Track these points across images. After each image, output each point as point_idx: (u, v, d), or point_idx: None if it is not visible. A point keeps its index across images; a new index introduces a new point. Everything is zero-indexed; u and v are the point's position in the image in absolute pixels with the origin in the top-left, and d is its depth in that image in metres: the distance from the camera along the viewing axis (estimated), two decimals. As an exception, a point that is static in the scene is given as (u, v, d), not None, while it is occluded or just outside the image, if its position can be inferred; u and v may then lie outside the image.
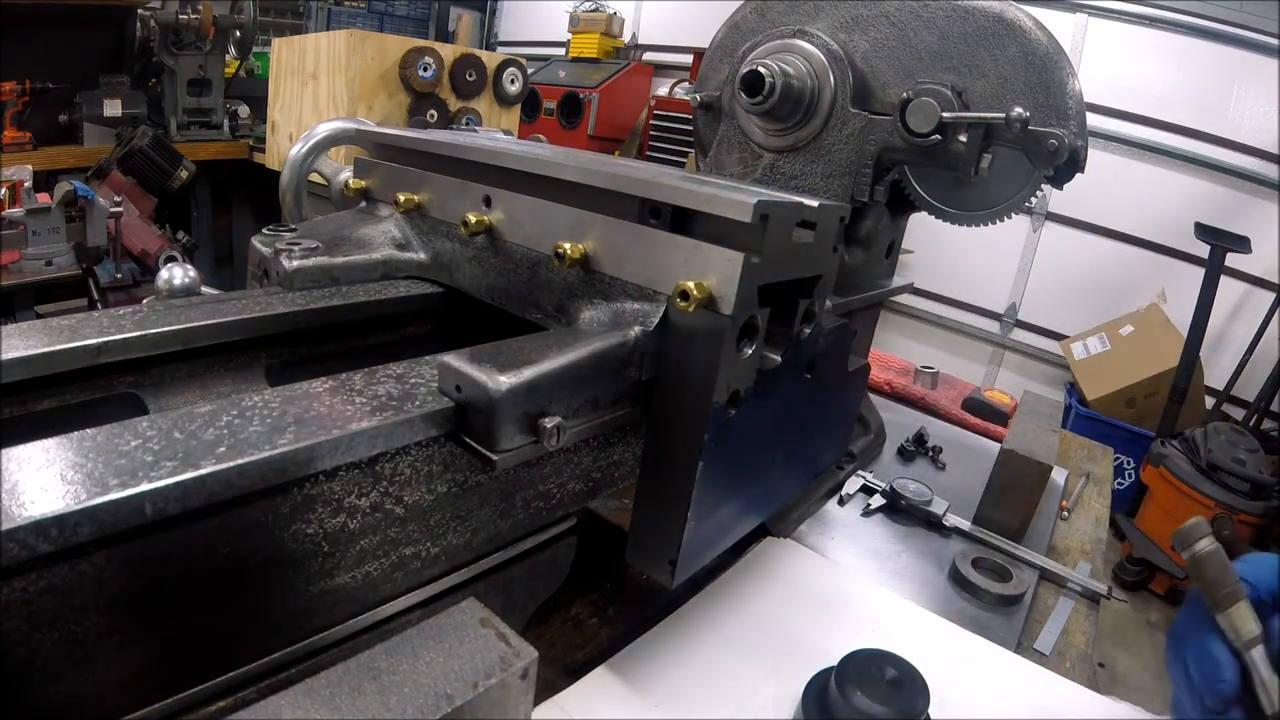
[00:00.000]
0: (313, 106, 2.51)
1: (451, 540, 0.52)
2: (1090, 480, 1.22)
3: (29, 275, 2.31)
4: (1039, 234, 3.73)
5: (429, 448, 0.48)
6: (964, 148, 0.78)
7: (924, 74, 0.82)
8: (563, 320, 0.62)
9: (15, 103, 2.89)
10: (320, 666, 0.33)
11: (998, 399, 1.40)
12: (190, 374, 0.61)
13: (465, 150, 0.70)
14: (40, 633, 0.34)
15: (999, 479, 0.93)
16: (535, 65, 4.33)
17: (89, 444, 0.38)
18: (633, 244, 0.56)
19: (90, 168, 2.78)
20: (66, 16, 3.09)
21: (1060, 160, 0.76)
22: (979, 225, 0.92)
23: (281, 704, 0.31)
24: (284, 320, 0.64)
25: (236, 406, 0.43)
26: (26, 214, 2.28)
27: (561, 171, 0.61)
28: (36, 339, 0.52)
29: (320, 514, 0.43)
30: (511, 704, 0.35)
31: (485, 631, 0.36)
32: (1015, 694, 0.65)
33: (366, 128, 0.98)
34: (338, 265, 0.71)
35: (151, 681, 0.39)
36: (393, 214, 0.77)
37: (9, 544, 0.31)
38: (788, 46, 0.86)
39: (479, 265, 0.69)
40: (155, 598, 0.38)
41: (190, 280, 0.79)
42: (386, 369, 0.50)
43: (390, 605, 0.51)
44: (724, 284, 0.50)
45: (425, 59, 2.39)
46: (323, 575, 0.45)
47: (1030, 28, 0.78)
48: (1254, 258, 2.97)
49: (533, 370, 0.46)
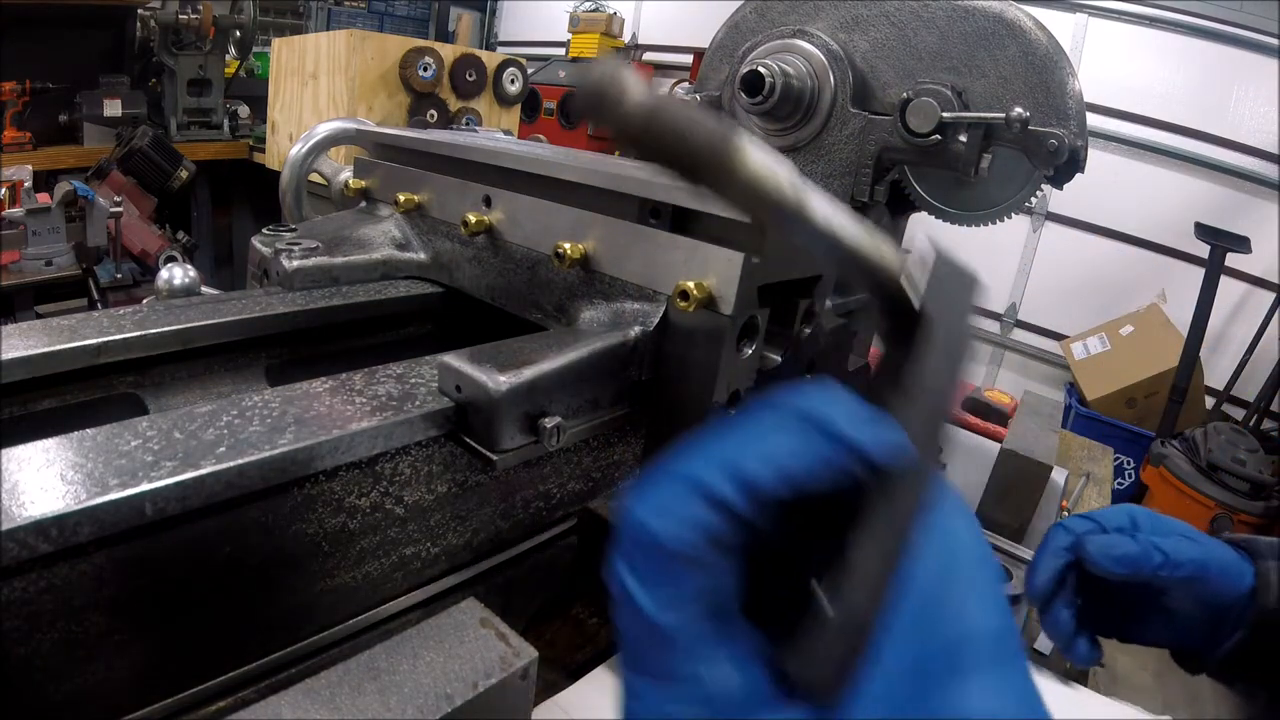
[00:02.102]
0: (313, 106, 2.51)
1: (451, 540, 0.52)
2: (1090, 480, 1.22)
3: (29, 275, 2.31)
4: (1039, 234, 3.73)
5: (429, 448, 0.48)
6: (964, 148, 0.78)
7: (924, 74, 0.82)
8: (563, 320, 0.62)
9: (15, 103, 2.89)
10: (320, 666, 0.33)
11: (998, 399, 1.41)
12: (190, 374, 0.61)
13: (465, 150, 0.70)
14: (40, 633, 0.34)
15: (999, 479, 0.93)
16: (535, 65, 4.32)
17: (89, 444, 0.38)
18: (633, 244, 0.56)
19: (90, 168, 2.78)
20: (66, 16, 3.08)
21: (1060, 160, 0.76)
22: (979, 225, 0.92)
23: (281, 704, 0.31)
24: (284, 320, 0.64)
25: (236, 406, 0.43)
26: (26, 214, 2.28)
27: (561, 171, 0.61)
28: (36, 339, 0.52)
29: (320, 514, 0.43)
30: (511, 704, 0.35)
31: (485, 631, 0.36)
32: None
33: (366, 128, 0.98)
34: (338, 265, 0.71)
35: (151, 681, 0.39)
36: (393, 214, 0.77)
37: (9, 544, 0.31)
38: (788, 46, 0.86)
39: (479, 265, 0.69)
40: (155, 598, 0.38)
41: (190, 280, 0.79)
42: (386, 369, 0.50)
43: (390, 605, 0.51)
44: (724, 284, 0.50)
45: (425, 59, 2.39)
46: (323, 575, 0.45)
47: (1030, 28, 0.78)
48: (1254, 258, 2.96)
49: (533, 370, 0.46)
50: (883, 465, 0.24)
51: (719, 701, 0.23)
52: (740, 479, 0.23)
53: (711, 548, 0.23)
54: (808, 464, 0.23)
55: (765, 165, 0.28)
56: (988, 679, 0.22)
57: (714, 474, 0.23)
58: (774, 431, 0.24)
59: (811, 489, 0.23)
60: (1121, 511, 0.62)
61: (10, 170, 2.43)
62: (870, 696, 0.22)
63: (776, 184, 0.28)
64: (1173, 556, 0.57)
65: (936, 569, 0.23)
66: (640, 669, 0.24)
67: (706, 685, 0.23)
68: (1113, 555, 0.58)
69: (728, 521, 0.23)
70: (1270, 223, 3.13)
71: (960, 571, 0.23)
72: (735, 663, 0.23)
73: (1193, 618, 0.59)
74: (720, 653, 0.23)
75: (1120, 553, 0.58)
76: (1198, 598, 0.58)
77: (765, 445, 0.24)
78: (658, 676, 0.23)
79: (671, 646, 0.23)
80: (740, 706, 0.23)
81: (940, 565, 0.24)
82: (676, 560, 0.23)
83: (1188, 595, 0.59)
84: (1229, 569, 0.58)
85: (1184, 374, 2.93)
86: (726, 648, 0.23)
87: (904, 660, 0.22)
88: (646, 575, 0.23)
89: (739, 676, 0.23)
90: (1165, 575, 0.57)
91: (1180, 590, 0.59)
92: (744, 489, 0.23)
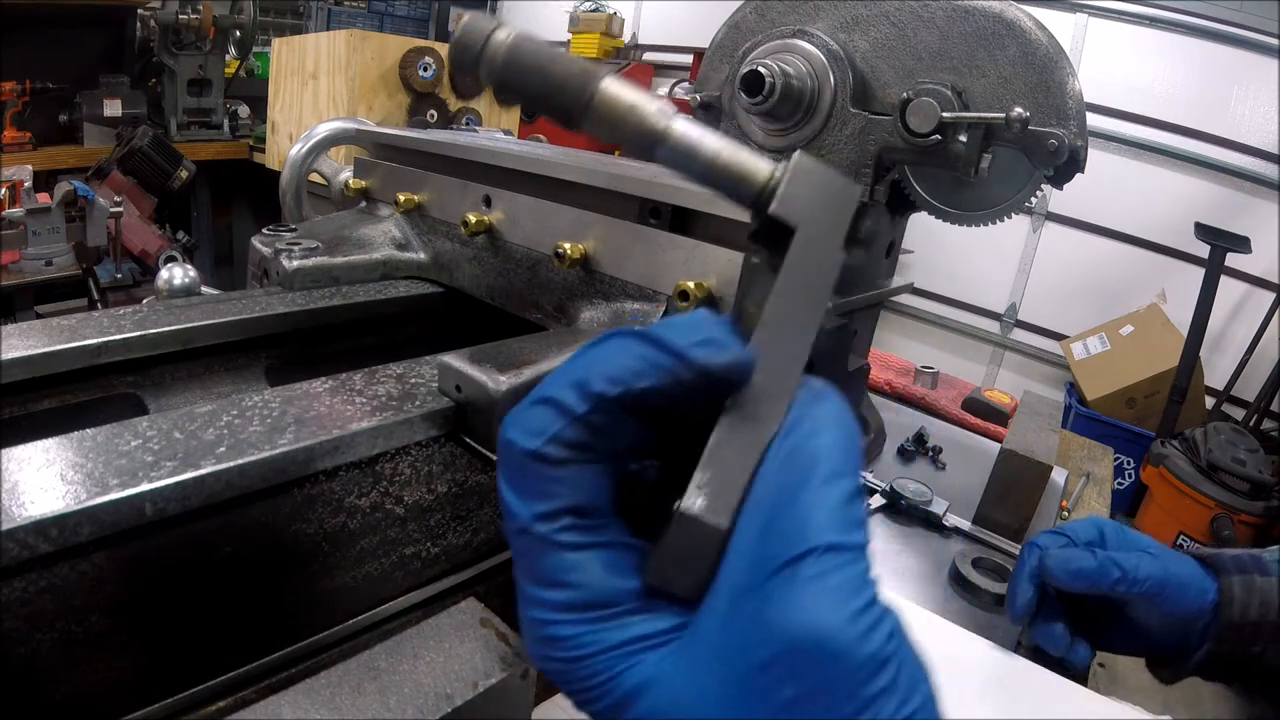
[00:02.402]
0: (313, 106, 2.51)
1: (451, 540, 0.52)
2: (1090, 480, 1.22)
3: (29, 275, 2.31)
4: (1039, 234, 3.73)
5: (429, 448, 0.48)
6: (964, 148, 0.78)
7: (924, 74, 0.82)
8: (563, 320, 0.62)
9: (15, 103, 2.89)
10: (320, 666, 0.33)
11: (998, 399, 1.40)
12: (190, 374, 0.61)
13: (465, 150, 0.70)
14: (40, 633, 0.34)
15: (999, 479, 0.93)
16: (535, 65, 4.32)
17: (89, 444, 0.38)
18: (633, 244, 0.56)
19: (90, 168, 2.78)
20: (66, 16, 3.08)
21: (1060, 160, 0.76)
22: (979, 225, 0.92)
23: (281, 704, 0.31)
24: (284, 320, 0.64)
25: (236, 406, 0.43)
26: (26, 214, 2.28)
27: (561, 171, 0.61)
28: (36, 339, 0.52)
29: (320, 514, 0.43)
30: (511, 704, 0.35)
31: (485, 631, 0.36)
32: (1015, 694, 0.65)
33: (366, 128, 0.98)
34: (338, 265, 0.71)
35: (151, 681, 0.39)
36: (393, 214, 0.77)
37: (9, 544, 0.31)
38: (788, 46, 0.86)
39: (479, 265, 0.69)
40: (155, 598, 0.38)
41: (190, 280, 0.79)
42: (386, 369, 0.50)
43: (390, 605, 0.51)
44: (724, 284, 0.50)
45: (425, 59, 2.39)
46: (323, 575, 0.45)
47: (1030, 28, 0.78)
48: (1254, 258, 2.96)
49: (533, 370, 0.46)
50: (704, 366, 0.26)
51: (592, 603, 0.25)
52: (579, 386, 0.26)
53: (564, 449, 0.26)
54: (634, 368, 0.26)
55: (624, 94, 0.29)
56: (817, 582, 0.22)
57: (559, 389, 0.26)
58: (612, 349, 0.27)
59: (639, 388, 0.26)
60: (1091, 525, 0.64)
61: (10, 170, 2.43)
62: (714, 593, 0.24)
63: (636, 111, 0.29)
64: (1130, 573, 0.58)
65: (782, 479, 0.25)
66: (525, 574, 0.26)
67: (577, 588, 0.25)
68: (1069, 570, 0.60)
69: (572, 425, 0.25)
70: (1270, 223, 3.13)
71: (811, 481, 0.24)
72: (607, 567, 0.26)
73: (1159, 631, 0.60)
74: (591, 558, 0.26)
75: (1076, 567, 0.59)
76: (1161, 612, 0.60)
77: (602, 357, 0.26)
78: (538, 581, 0.26)
79: (545, 552, 0.26)
80: (609, 608, 0.25)
81: (789, 474, 0.25)
82: (539, 466, 0.26)
83: (1150, 610, 0.60)
84: (1189, 585, 0.59)
85: (1184, 374, 2.93)
86: (598, 554, 0.26)
87: (743, 560, 0.24)
88: (517, 484, 0.26)
89: (608, 581, 0.25)
90: (1123, 591, 0.59)
91: (1142, 605, 0.60)
92: (581, 394, 0.26)
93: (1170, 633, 0.60)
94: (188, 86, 3.25)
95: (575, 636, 0.25)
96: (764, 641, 0.22)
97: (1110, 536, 0.63)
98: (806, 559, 0.22)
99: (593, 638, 0.25)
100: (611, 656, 0.24)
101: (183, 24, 3.14)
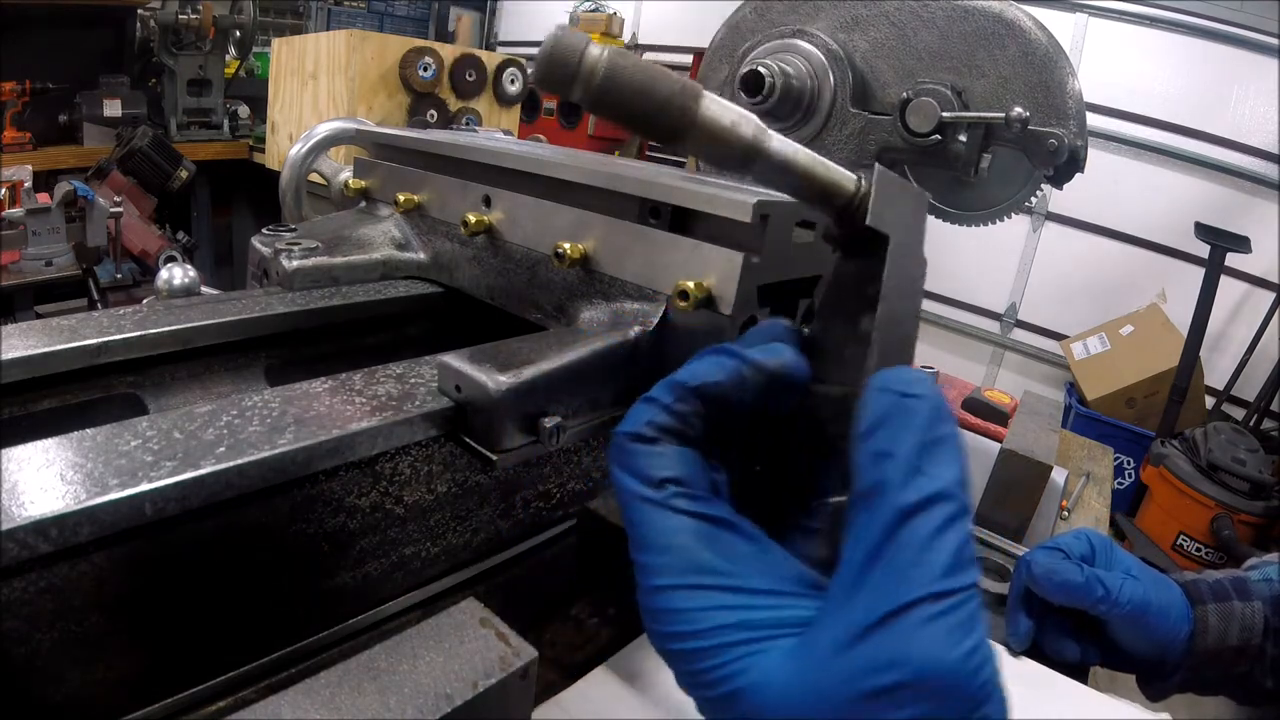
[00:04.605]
0: (313, 106, 2.51)
1: (451, 540, 0.52)
2: (1090, 480, 1.22)
3: (29, 275, 2.31)
4: (1039, 234, 3.73)
5: (429, 448, 0.48)
6: (964, 148, 0.78)
7: (924, 74, 0.82)
8: (563, 320, 0.61)
9: (15, 103, 2.88)
10: (320, 666, 0.33)
11: (998, 399, 1.40)
12: (190, 374, 0.61)
13: (465, 150, 0.70)
14: (40, 633, 0.34)
15: (999, 479, 0.93)
16: (535, 65, 4.32)
17: (89, 444, 0.38)
18: (633, 244, 0.56)
19: (90, 168, 2.78)
20: (66, 16, 3.08)
21: (1060, 160, 0.76)
22: (979, 225, 0.92)
23: (281, 704, 0.31)
24: (284, 320, 0.64)
25: (236, 406, 0.43)
26: (26, 214, 2.28)
27: (561, 171, 0.61)
28: (36, 339, 0.52)
29: (320, 514, 0.43)
30: (511, 704, 0.35)
31: (485, 631, 0.36)
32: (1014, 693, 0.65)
33: (366, 128, 0.98)
34: (338, 265, 0.71)
35: (152, 681, 0.39)
36: (393, 214, 0.77)
37: (9, 544, 0.31)
38: (787, 46, 0.86)
39: (479, 265, 0.69)
40: (155, 598, 0.38)
41: (190, 280, 0.79)
42: (386, 369, 0.50)
43: (390, 605, 0.51)
44: (724, 284, 0.50)
45: (425, 59, 2.39)
46: (322, 575, 0.45)
47: (1030, 28, 0.78)
48: (1254, 258, 2.96)
49: (533, 370, 0.46)
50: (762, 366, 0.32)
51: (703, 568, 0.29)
52: (667, 384, 0.33)
53: (657, 430, 0.31)
54: (708, 368, 0.32)
55: (724, 113, 0.31)
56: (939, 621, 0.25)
57: (654, 389, 0.33)
58: (697, 359, 0.33)
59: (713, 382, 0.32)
60: (1083, 538, 0.64)
61: (10, 170, 2.43)
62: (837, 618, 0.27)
63: (736, 128, 0.31)
64: (1113, 594, 0.59)
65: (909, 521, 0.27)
66: (638, 545, 0.30)
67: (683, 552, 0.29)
68: (1054, 581, 0.60)
69: (662, 411, 0.32)
70: (1270, 223, 3.13)
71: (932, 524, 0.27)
72: (712, 538, 0.29)
73: (1140, 651, 0.61)
74: (699, 526, 0.30)
75: (1061, 579, 0.60)
76: (1140, 635, 0.60)
77: (689, 365, 0.33)
78: (649, 547, 0.30)
79: (655, 516, 0.30)
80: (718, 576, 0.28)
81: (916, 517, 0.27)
82: (636, 445, 0.31)
83: (1130, 631, 0.60)
84: (1169, 611, 0.60)
85: (1184, 374, 2.93)
86: (705, 525, 0.30)
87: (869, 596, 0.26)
88: (624, 463, 0.32)
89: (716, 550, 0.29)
90: (1104, 611, 0.59)
91: (1123, 625, 0.60)
92: (667, 388, 0.32)
93: (1150, 655, 0.61)
94: (188, 86, 3.25)
95: (688, 610, 0.28)
96: (891, 667, 0.25)
97: (1099, 553, 0.63)
98: (927, 601, 0.25)
99: (704, 612, 0.28)
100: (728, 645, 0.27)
101: (183, 24, 3.14)
